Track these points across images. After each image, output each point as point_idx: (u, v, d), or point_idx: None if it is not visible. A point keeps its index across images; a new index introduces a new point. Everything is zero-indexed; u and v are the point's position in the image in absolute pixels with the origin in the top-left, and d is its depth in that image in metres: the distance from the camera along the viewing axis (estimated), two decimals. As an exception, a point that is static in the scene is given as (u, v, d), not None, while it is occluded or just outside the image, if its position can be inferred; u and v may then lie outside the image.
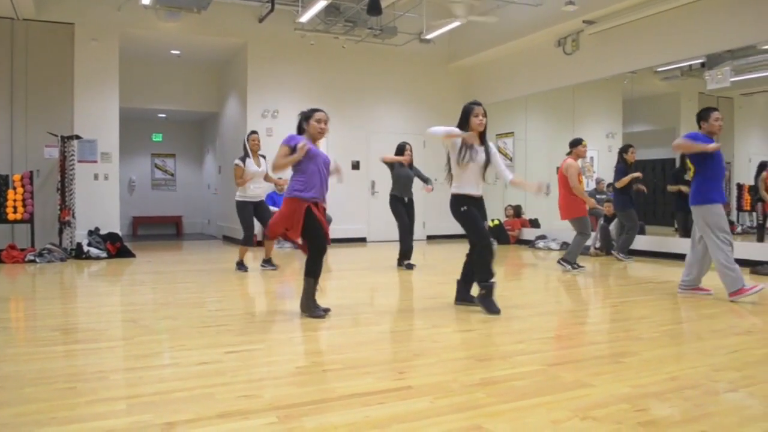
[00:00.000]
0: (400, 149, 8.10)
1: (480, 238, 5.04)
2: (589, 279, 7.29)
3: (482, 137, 5.19)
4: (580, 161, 8.00)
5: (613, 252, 9.17)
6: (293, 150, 4.71)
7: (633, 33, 9.59)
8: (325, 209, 4.90)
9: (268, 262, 7.91)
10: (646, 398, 2.83)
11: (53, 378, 3.16)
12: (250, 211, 7.76)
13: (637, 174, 8.75)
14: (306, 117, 4.90)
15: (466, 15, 10.54)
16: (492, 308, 4.89)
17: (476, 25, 11.59)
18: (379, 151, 12.30)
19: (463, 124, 5.14)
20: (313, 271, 4.77)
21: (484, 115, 5.13)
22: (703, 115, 5.68)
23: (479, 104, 5.16)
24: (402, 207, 8.05)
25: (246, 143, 7.76)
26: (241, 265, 7.74)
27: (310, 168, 4.71)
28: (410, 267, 7.96)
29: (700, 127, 5.69)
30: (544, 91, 11.66)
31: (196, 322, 4.60)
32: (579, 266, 7.71)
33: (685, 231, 9.17)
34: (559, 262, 7.91)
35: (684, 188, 8.82)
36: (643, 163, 9.77)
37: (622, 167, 8.84)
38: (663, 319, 4.80)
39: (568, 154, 7.92)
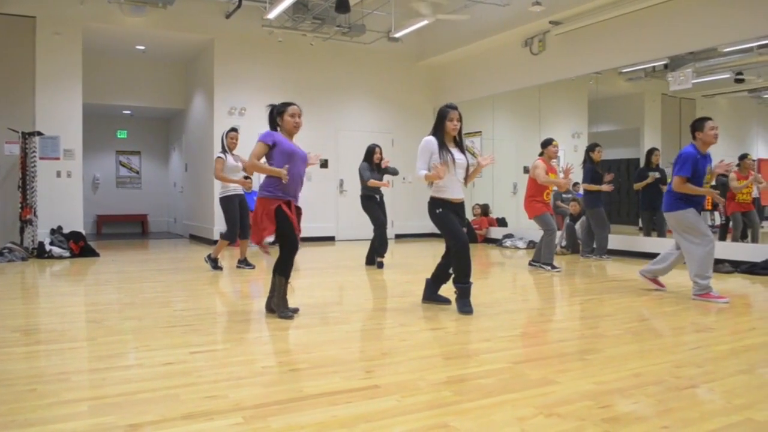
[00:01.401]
0: (370, 151, 8.09)
1: (455, 241, 4.98)
2: (555, 277, 7.37)
3: (459, 141, 5.16)
4: (555, 161, 8.08)
5: (591, 256, 9.21)
6: (271, 147, 4.67)
7: (598, 34, 9.74)
8: (299, 208, 4.85)
9: (244, 261, 7.87)
10: (610, 395, 2.87)
11: (13, 380, 3.09)
12: (236, 204, 7.69)
13: (611, 175, 8.94)
14: (279, 112, 4.83)
15: (434, 14, 10.58)
16: (464, 309, 4.92)
17: (444, 24, 11.65)
18: (348, 148, 12.35)
19: (438, 127, 5.09)
20: (284, 270, 4.74)
21: (459, 119, 5.08)
22: (697, 126, 5.57)
23: (455, 108, 5.10)
24: (375, 204, 8.06)
25: (224, 139, 7.70)
26: (215, 264, 7.66)
27: (284, 167, 4.66)
28: (381, 266, 7.97)
29: (694, 138, 5.57)
30: (511, 90, 11.76)
31: (162, 322, 4.55)
32: (555, 267, 7.79)
33: (649, 230, 9.34)
34: (531, 264, 7.98)
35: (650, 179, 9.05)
36: (608, 163, 9.91)
37: (590, 166, 8.98)
38: (627, 316, 4.88)
39: (540, 154, 7.98)
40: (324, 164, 12.52)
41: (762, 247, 8.03)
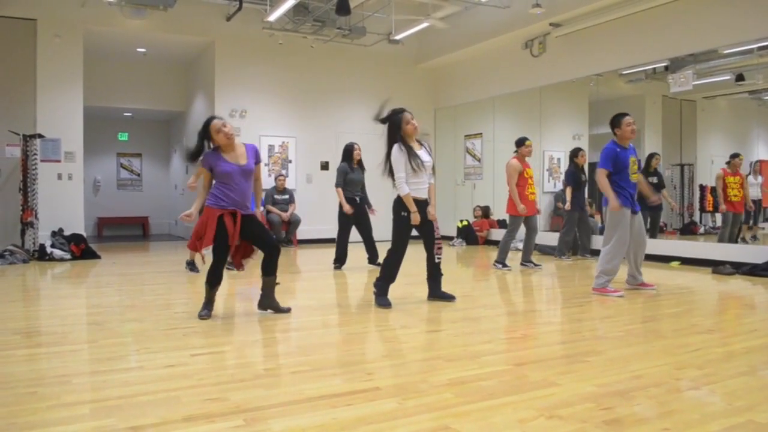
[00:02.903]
0: (348, 150, 8.13)
1: (396, 250, 5.35)
2: (555, 279, 7.38)
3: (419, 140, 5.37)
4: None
5: (588, 255, 9.26)
6: (210, 170, 4.75)
7: (599, 36, 9.74)
8: (249, 216, 4.81)
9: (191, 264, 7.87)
10: (611, 397, 2.87)
11: (14, 382, 3.09)
12: None
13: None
14: (204, 132, 4.77)
15: (435, 16, 10.58)
16: (383, 303, 5.25)
17: (445, 27, 11.64)
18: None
19: (397, 134, 5.21)
20: (273, 270, 4.91)
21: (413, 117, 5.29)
22: (615, 122, 5.93)
23: (403, 110, 5.27)
24: (354, 209, 8.10)
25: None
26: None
27: (223, 183, 4.71)
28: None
29: (614, 134, 5.92)
30: (511, 92, 11.77)
31: (163, 325, 4.55)
32: (506, 266, 7.90)
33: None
34: (522, 264, 8.08)
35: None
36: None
37: (573, 170, 9.11)
38: (627, 318, 4.87)
39: (515, 151, 8.06)
40: (324, 166, 12.51)
41: (763, 248, 8.02)
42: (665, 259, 8.63)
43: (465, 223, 12.39)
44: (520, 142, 8.01)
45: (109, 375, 3.26)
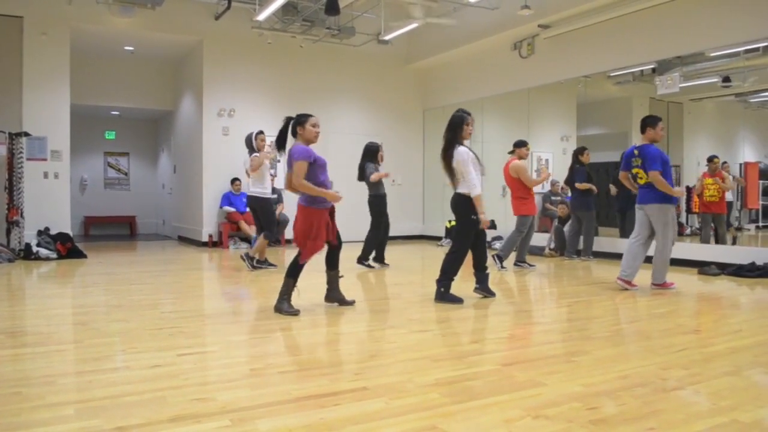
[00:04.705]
0: (375, 150, 8.17)
1: (464, 248, 5.54)
2: (543, 279, 7.40)
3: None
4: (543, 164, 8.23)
5: (576, 257, 9.28)
6: (311, 163, 4.89)
7: (587, 38, 9.79)
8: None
9: (265, 261, 8.01)
10: (597, 396, 2.88)
11: (-2, 383, 3.07)
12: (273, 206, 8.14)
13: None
14: (300, 122, 5.05)
15: (424, 17, 10.60)
16: (453, 299, 5.40)
17: (434, 28, 11.66)
18: (337, 151, 12.31)
19: (457, 134, 5.55)
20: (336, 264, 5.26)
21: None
22: (650, 122, 6.26)
23: (465, 112, 5.62)
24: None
25: (253, 141, 7.91)
26: (263, 263, 7.88)
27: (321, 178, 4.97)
28: (371, 267, 8.03)
29: (643, 133, 6.20)
30: (500, 93, 11.80)
31: (149, 325, 4.52)
32: (503, 267, 7.94)
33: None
34: (516, 264, 8.10)
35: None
36: (596, 166, 9.96)
37: (581, 168, 9.10)
38: (614, 318, 4.90)
39: (511, 153, 8.11)
40: (313, 166, 12.49)
41: (748, 249, 8.09)
42: (652, 260, 8.66)
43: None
44: (522, 144, 8.15)
45: (95, 375, 3.24)
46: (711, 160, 9.00)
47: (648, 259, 6.34)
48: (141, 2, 9.70)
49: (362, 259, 8.06)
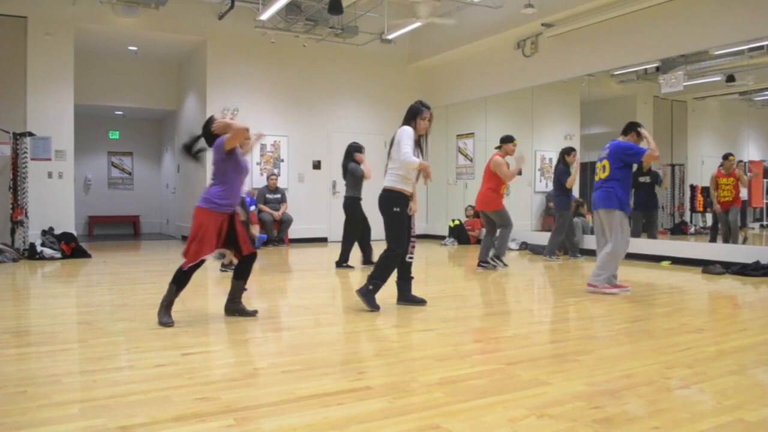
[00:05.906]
0: (357, 149, 8.12)
1: (396, 248, 5.06)
2: (546, 278, 7.39)
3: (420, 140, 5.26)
4: (510, 158, 8.11)
5: (579, 256, 9.27)
6: (227, 157, 4.54)
7: (590, 36, 9.77)
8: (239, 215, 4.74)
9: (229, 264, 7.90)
10: (602, 396, 2.88)
11: (3, 382, 3.07)
12: None
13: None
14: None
15: (427, 16, 10.59)
16: (372, 304, 5.01)
17: (437, 27, 11.65)
18: (340, 150, 12.29)
19: (411, 122, 5.11)
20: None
21: (431, 119, 5.20)
22: (633, 128, 6.15)
23: (429, 107, 5.19)
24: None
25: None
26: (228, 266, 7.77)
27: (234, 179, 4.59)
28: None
29: (625, 135, 6.09)
30: (503, 92, 11.79)
31: (153, 324, 4.52)
32: (505, 264, 7.91)
33: (639, 231, 9.38)
34: (491, 259, 8.01)
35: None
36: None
37: (563, 168, 9.06)
38: (618, 317, 4.89)
39: (498, 148, 8.07)
40: (317, 165, 12.52)
41: (753, 248, 8.07)
42: (656, 259, 8.67)
43: (457, 222, 12.42)
44: (508, 139, 8.05)
45: (99, 374, 3.25)
46: (726, 158, 8.90)
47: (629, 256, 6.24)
48: (144, 2, 9.71)
49: (341, 263, 8.07)
